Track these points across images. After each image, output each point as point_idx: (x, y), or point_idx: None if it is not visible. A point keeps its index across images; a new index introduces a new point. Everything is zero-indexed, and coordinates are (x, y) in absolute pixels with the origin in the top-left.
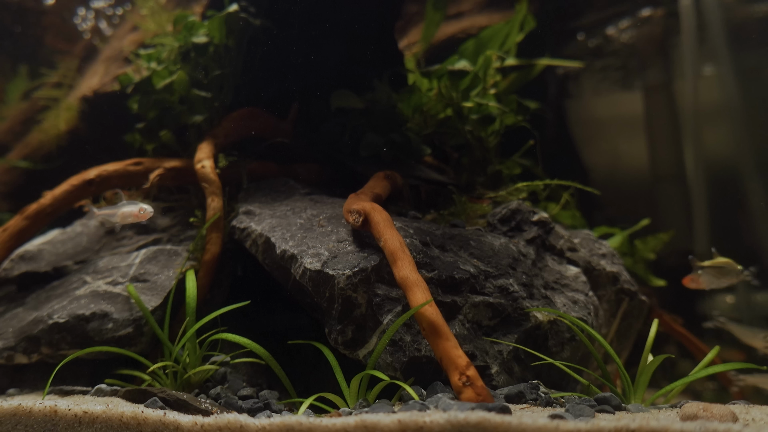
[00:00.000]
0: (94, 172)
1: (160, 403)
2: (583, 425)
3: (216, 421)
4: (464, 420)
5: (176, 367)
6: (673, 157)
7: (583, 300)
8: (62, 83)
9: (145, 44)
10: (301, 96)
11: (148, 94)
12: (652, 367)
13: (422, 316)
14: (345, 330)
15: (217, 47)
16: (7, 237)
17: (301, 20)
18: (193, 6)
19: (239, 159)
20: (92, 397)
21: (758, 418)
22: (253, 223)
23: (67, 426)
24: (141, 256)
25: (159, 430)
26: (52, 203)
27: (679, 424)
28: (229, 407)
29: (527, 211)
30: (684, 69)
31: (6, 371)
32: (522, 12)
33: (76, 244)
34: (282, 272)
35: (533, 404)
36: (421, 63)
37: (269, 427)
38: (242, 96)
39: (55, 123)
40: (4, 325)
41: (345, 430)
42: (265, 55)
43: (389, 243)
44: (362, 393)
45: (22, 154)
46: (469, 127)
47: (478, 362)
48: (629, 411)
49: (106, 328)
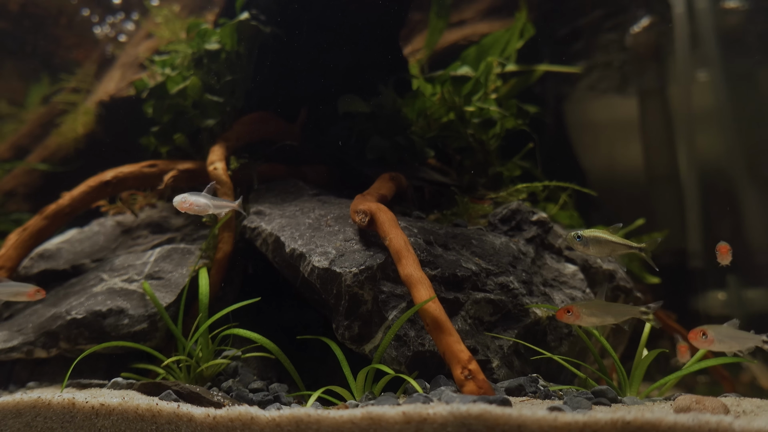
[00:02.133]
0: (110, 173)
1: (173, 395)
2: (581, 417)
3: (228, 413)
4: (466, 412)
5: (189, 361)
6: (667, 159)
7: (581, 297)
8: (80, 88)
9: (160, 51)
10: (310, 100)
11: (163, 99)
12: (646, 361)
13: (426, 312)
14: (352, 325)
15: (228, 54)
16: (27, 236)
17: (310, 28)
18: (206, 14)
19: (250, 161)
20: (109, 390)
21: (749, 410)
22: (263, 222)
23: (84, 418)
24: (156, 255)
25: (173, 422)
26: (70, 203)
27: (673, 416)
28: (241, 400)
29: (527, 212)
30: (678, 75)
31: (26, 365)
32: (522, 20)
33: (94, 243)
34: (291, 270)
35: (533, 397)
36: (424, 69)
37: (279, 419)
38: (253, 100)
39: (73, 126)
40: (24, 320)
41: (352, 422)
42: (275, 61)
43: (394, 242)
44: (368, 386)
45: (42, 156)
46: (471, 130)
47: (480, 356)
48: (625, 403)
49: (122, 323)
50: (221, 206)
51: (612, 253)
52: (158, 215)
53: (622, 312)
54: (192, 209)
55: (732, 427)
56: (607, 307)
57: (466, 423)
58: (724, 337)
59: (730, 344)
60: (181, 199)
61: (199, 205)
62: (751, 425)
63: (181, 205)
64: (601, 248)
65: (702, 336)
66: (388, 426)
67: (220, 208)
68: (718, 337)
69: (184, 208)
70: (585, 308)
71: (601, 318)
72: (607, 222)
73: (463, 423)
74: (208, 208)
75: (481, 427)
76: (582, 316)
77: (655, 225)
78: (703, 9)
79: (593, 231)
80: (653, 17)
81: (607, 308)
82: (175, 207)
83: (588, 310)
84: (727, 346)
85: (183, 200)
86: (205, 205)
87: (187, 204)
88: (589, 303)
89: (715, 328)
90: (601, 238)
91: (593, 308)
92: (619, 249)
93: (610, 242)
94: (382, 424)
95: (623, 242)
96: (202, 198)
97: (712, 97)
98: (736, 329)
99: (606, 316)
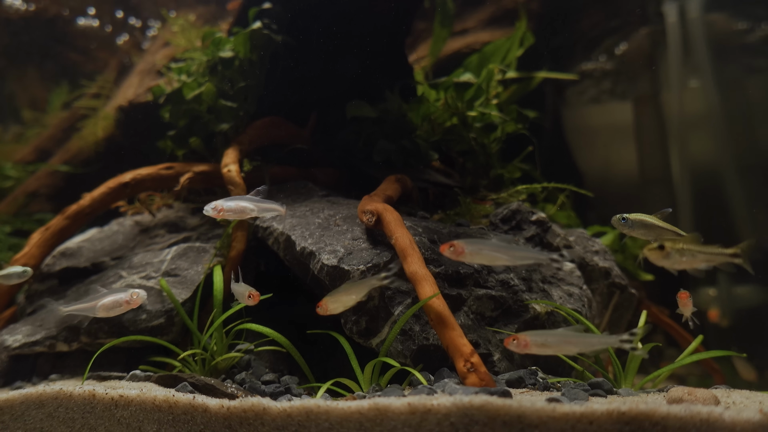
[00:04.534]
0: (129, 175)
1: (189, 387)
2: (578, 408)
3: (241, 404)
4: (469, 403)
5: (204, 355)
6: (660, 162)
7: (578, 293)
8: (100, 94)
9: (176, 58)
10: (319, 106)
11: (179, 104)
12: (640, 354)
13: (430, 307)
14: (359, 320)
15: (242, 61)
16: (50, 235)
17: (319, 36)
18: (220, 23)
19: (262, 164)
20: (127, 382)
21: (738, 401)
22: (274, 222)
23: (104, 408)
24: (172, 253)
25: (189, 413)
26: (90, 204)
27: (666, 406)
28: (253, 391)
29: (526, 212)
30: (670, 81)
31: (48, 358)
32: (522, 29)
33: (113, 241)
34: (301, 267)
35: (532, 389)
36: (429, 75)
37: (290, 409)
38: (265, 106)
39: (93, 130)
40: (46, 316)
41: (359, 413)
42: (286, 69)
43: (400, 241)
44: (375, 378)
45: (63, 159)
46: (473, 134)
47: (482, 350)
48: (620, 395)
49: (140, 318)
50: (267, 209)
51: (658, 237)
52: (175, 215)
53: (591, 344)
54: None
55: (722, 417)
56: (574, 337)
57: (468, 413)
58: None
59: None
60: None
61: (241, 209)
62: (740, 416)
63: (219, 211)
64: (647, 231)
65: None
66: (394, 416)
67: (266, 211)
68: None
69: (223, 214)
70: (539, 337)
71: (558, 348)
72: (602, 221)
73: (466, 413)
74: (253, 212)
75: (482, 418)
76: (532, 346)
77: None
78: (694, 19)
79: (639, 215)
80: (648, 27)
81: (574, 338)
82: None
83: (541, 339)
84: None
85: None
86: (248, 209)
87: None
88: (544, 333)
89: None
90: (648, 222)
91: (548, 336)
92: (664, 234)
93: (656, 227)
94: (389, 415)
95: (670, 228)
96: (245, 202)
97: (702, 103)
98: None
99: (569, 347)
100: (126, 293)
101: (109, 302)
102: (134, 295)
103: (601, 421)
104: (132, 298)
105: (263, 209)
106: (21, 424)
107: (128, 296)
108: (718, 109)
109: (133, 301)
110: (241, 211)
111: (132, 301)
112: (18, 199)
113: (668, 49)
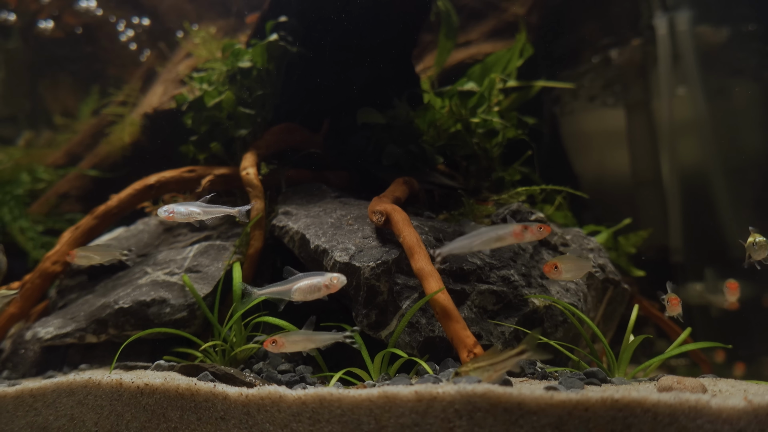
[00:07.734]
0: (153, 178)
1: (210, 376)
2: (574, 395)
3: (259, 392)
4: (472, 391)
5: (224, 346)
6: (651, 165)
7: (574, 288)
8: (127, 101)
9: (198, 68)
10: (332, 113)
11: (201, 111)
12: (633, 345)
13: (436, 301)
14: (369, 314)
15: (259, 71)
16: (80, 234)
17: (332, 48)
18: (239, 35)
19: (279, 167)
20: (152, 371)
21: (724, 390)
22: (290, 221)
23: (131, 396)
24: (194, 251)
25: (209, 400)
26: (117, 205)
27: (657, 394)
28: (270, 380)
29: (526, 212)
30: (661, 90)
31: (78, 349)
32: (522, 41)
33: (139, 240)
34: (315, 264)
35: (531, 378)
36: (434, 84)
37: (304, 397)
38: (281, 113)
39: (120, 136)
40: (76, 309)
41: (369, 400)
42: (301, 78)
43: (407, 239)
44: (384, 368)
45: (92, 163)
46: (476, 139)
47: (484, 341)
48: (614, 383)
49: (164, 312)
50: (215, 212)
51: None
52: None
53: (324, 340)
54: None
55: (709, 404)
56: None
57: (471, 401)
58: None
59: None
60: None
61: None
62: (726, 403)
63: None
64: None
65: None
66: (402, 403)
67: (213, 214)
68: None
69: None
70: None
71: (304, 345)
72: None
73: (469, 401)
74: (199, 215)
75: (485, 405)
76: (286, 344)
77: (640, 224)
78: (683, 31)
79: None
80: (640, 39)
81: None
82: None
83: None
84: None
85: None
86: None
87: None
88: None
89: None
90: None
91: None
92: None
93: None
94: (397, 402)
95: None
96: (193, 207)
97: (691, 110)
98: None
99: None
100: (324, 277)
101: (305, 286)
102: (334, 279)
103: (595, 408)
104: (332, 283)
105: (209, 213)
106: (53, 411)
107: (327, 280)
108: (705, 116)
109: (332, 286)
110: (189, 214)
111: (331, 285)
112: (50, 200)
113: (659, 59)
